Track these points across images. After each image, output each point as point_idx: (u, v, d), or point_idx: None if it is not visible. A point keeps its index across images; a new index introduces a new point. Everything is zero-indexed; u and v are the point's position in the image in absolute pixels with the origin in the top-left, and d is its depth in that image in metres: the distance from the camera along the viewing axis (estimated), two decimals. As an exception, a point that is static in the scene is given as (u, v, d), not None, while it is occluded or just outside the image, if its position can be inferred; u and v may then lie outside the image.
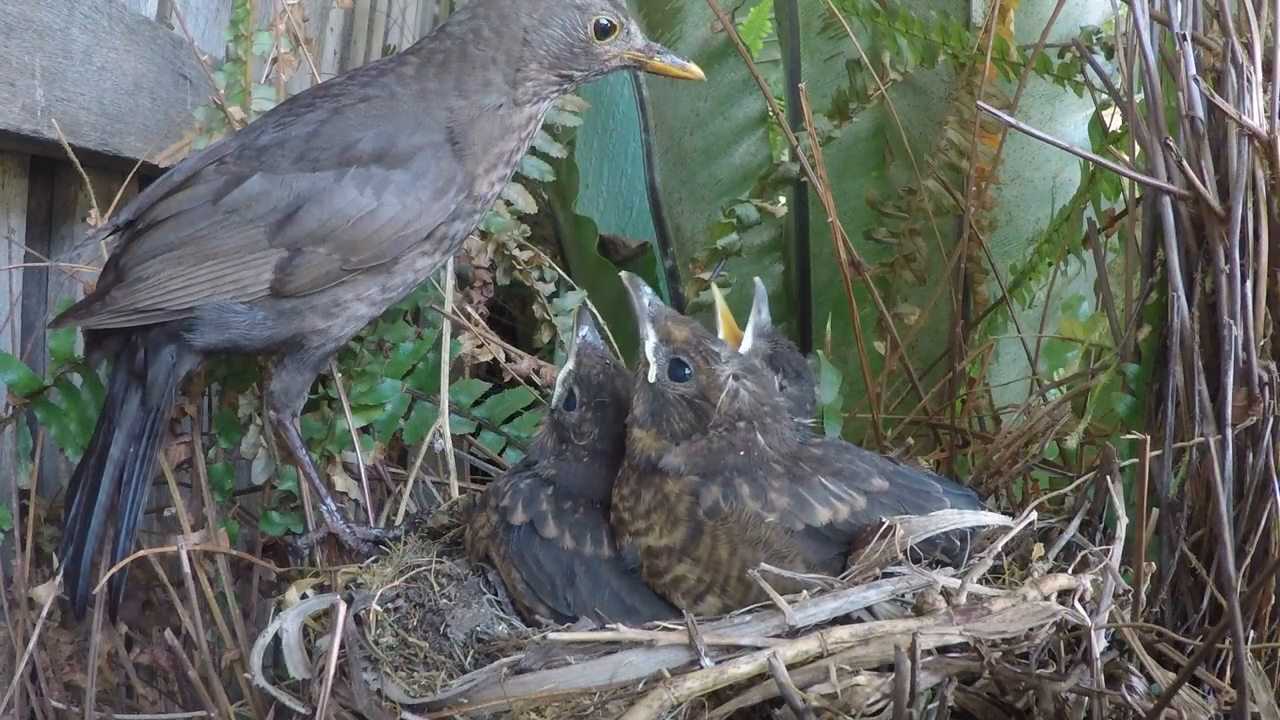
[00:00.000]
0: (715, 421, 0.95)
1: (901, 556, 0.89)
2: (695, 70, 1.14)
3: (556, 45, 1.09)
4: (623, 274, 1.03)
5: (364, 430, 1.25)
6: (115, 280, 1.09)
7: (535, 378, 1.34)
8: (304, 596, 1.03)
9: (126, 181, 1.31)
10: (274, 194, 1.08)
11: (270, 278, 1.07)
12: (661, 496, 0.94)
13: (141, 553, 1.15)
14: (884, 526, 0.90)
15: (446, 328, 1.29)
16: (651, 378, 0.97)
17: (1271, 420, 0.96)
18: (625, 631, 0.85)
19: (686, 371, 0.96)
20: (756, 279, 1.11)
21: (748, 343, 1.05)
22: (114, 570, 1.11)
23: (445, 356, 1.27)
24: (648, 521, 0.94)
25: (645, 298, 1.00)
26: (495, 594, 0.99)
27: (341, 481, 1.24)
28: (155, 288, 1.08)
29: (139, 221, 1.12)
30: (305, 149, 1.08)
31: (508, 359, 1.33)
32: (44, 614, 1.15)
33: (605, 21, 1.10)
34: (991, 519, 0.95)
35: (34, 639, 1.15)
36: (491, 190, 1.12)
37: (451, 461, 1.24)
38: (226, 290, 1.07)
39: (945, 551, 0.94)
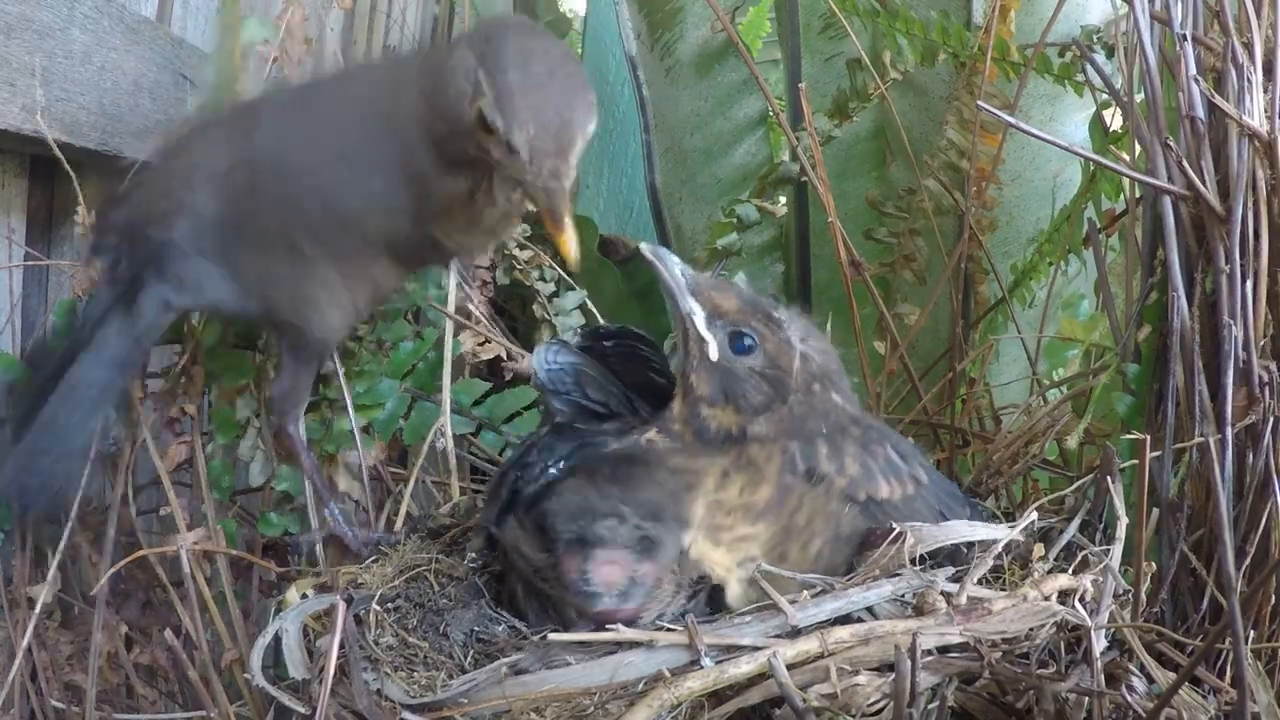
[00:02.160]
0: (793, 388, 0.92)
1: (909, 565, 0.89)
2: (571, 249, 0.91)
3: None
4: (643, 246, 0.94)
5: (364, 430, 1.25)
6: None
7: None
8: (304, 596, 1.03)
9: (125, 181, 1.30)
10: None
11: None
12: (746, 459, 0.91)
13: (141, 553, 1.14)
14: (894, 533, 0.90)
15: (449, 326, 1.29)
16: (714, 356, 0.91)
17: (1271, 420, 0.96)
18: (625, 632, 0.85)
19: (750, 343, 0.91)
20: (740, 274, 1.09)
21: None
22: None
23: (448, 355, 1.27)
24: (723, 480, 0.91)
25: (676, 268, 0.93)
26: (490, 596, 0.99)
27: (344, 482, 1.24)
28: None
29: None
30: None
31: (509, 357, 1.33)
32: (38, 611, 1.15)
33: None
34: (1000, 532, 0.94)
35: (30, 635, 1.15)
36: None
37: (453, 461, 1.24)
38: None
39: (948, 556, 0.94)
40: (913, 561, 0.89)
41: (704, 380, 0.92)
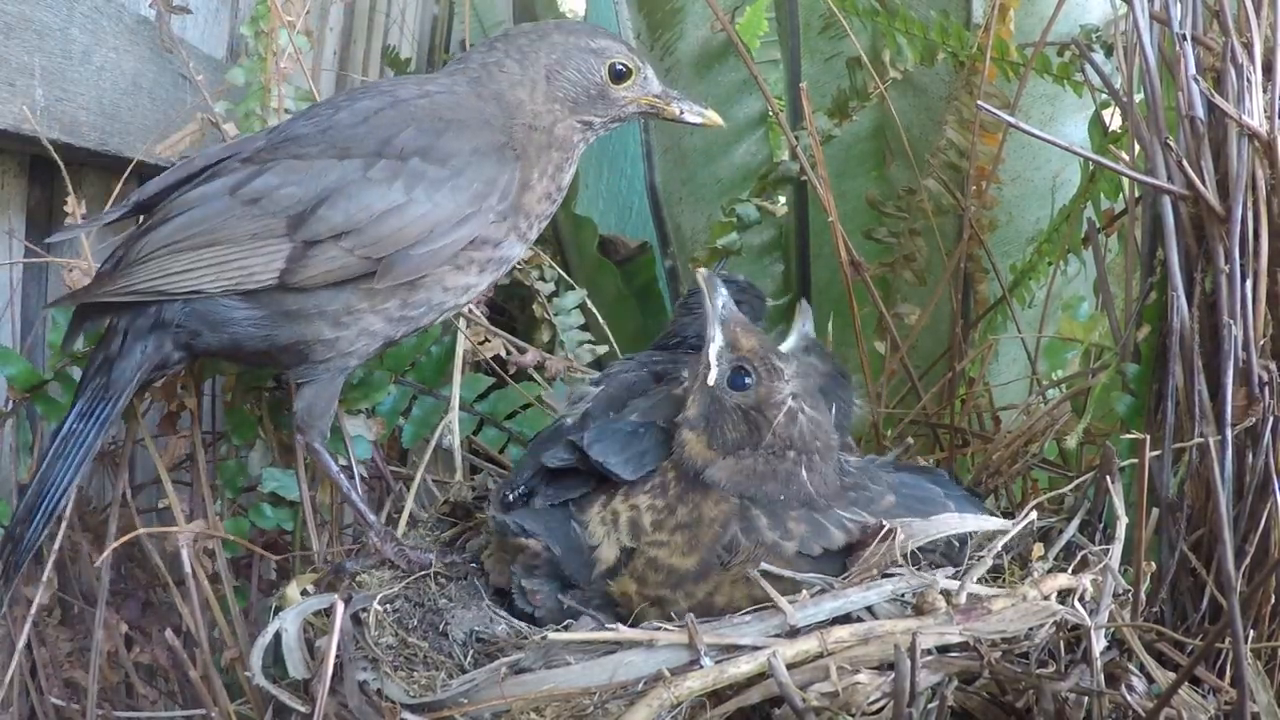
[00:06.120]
0: (768, 443, 0.93)
1: (901, 561, 0.89)
2: (714, 118, 1.14)
3: (574, 89, 1.10)
4: (701, 272, 1.02)
5: (367, 413, 1.25)
6: (114, 267, 1.06)
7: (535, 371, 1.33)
8: (304, 592, 1.02)
9: (123, 179, 1.31)
10: (299, 183, 1.03)
11: (281, 266, 1.02)
12: (696, 516, 0.92)
13: (137, 532, 1.14)
14: (884, 530, 0.90)
15: (462, 322, 1.29)
16: (711, 381, 0.95)
17: (1271, 420, 0.96)
18: (625, 631, 0.85)
19: (747, 381, 0.94)
20: (804, 300, 1.14)
21: (792, 340, 1.07)
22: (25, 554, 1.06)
23: (460, 350, 1.26)
24: (670, 538, 0.92)
25: (720, 300, 0.98)
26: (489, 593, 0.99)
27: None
28: (156, 271, 1.03)
29: (154, 213, 1.07)
30: (348, 136, 1.04)
31: (519, 350, 1.33)
32: (34, 609, 1.15)
33: (621, 66, 1.10)
34: (991, 523, 0.94)
35: (26, 635, 1.15)
36: (540, 208, 1.10)
37: (458, 459, 1.24)
38: (231, 276, 1.02)
39: (944, 554, 0.94)
40: (906, 558, 0.89)
41: (695, 403, 0.96)
